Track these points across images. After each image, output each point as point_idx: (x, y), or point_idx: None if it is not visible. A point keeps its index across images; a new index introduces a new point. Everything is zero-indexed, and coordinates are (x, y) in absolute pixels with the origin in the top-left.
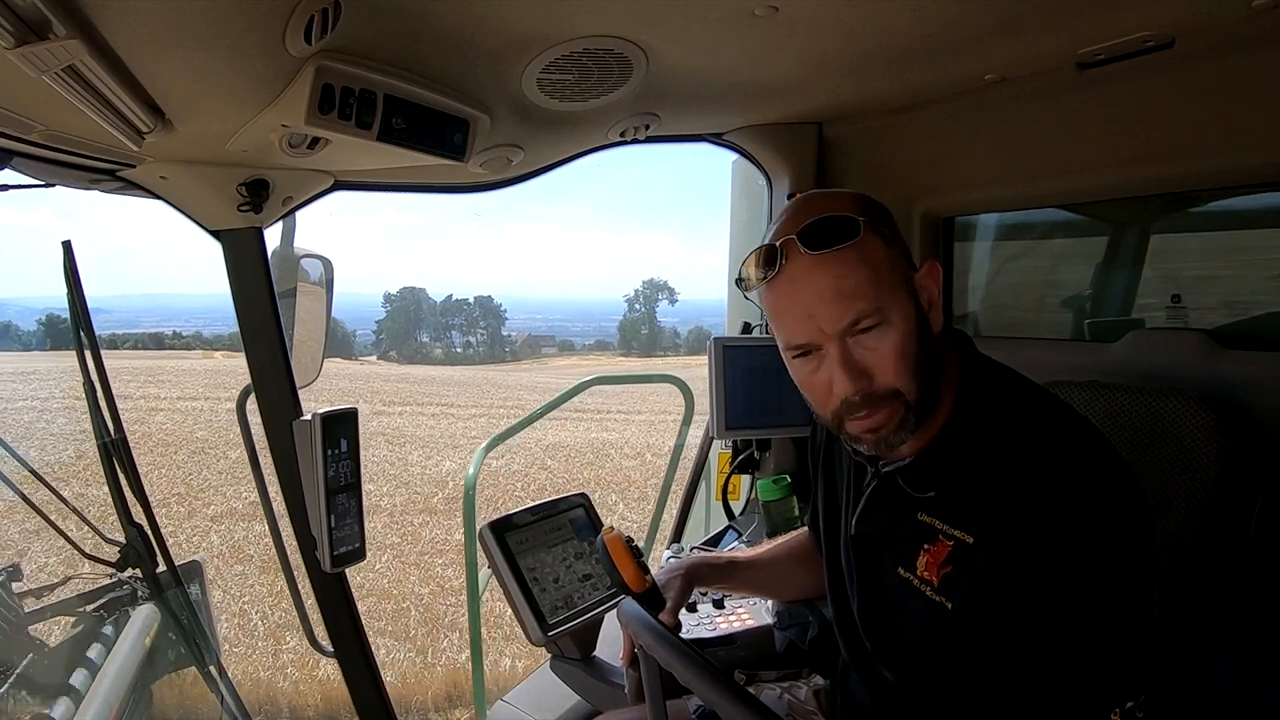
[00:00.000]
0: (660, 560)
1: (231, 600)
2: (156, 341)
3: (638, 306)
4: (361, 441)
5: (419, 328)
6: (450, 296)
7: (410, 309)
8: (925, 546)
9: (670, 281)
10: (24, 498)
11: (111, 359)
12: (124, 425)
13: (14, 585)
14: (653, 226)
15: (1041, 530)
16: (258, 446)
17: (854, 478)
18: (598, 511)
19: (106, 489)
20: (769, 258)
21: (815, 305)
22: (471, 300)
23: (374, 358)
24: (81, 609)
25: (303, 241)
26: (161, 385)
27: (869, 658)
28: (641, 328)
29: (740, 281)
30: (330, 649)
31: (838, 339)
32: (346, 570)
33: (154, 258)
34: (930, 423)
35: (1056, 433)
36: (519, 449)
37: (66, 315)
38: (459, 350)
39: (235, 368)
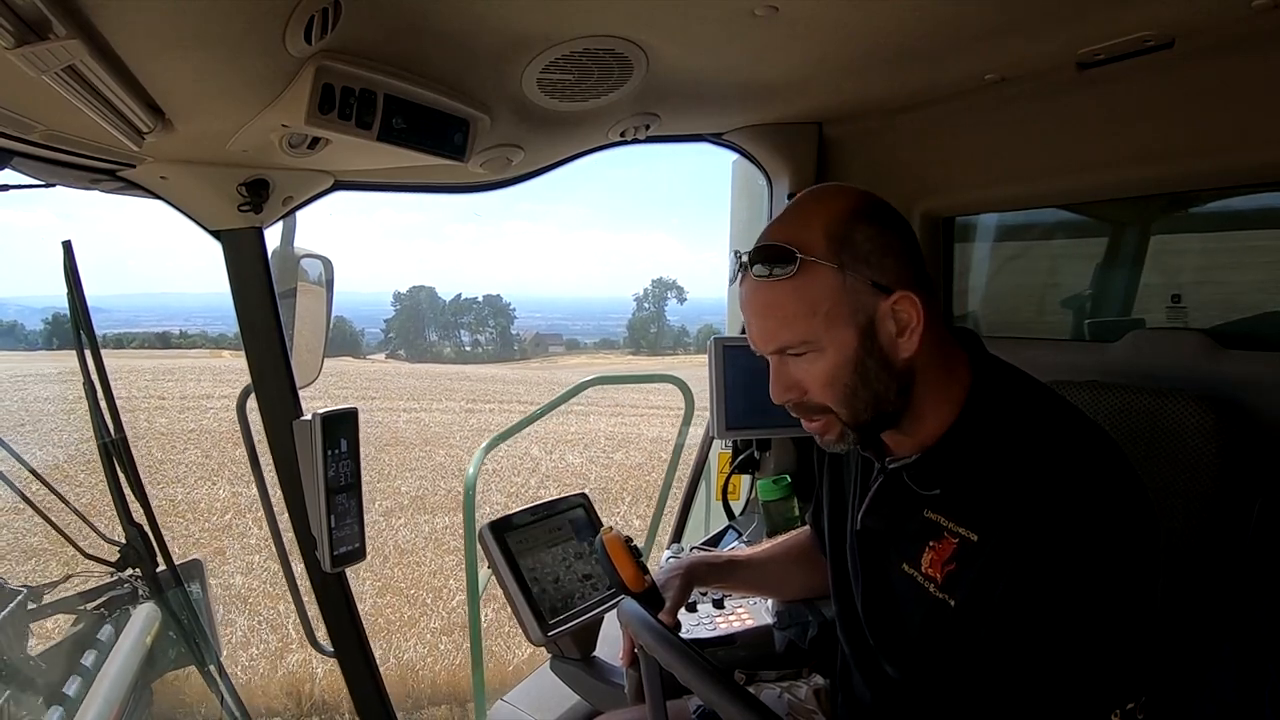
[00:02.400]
0: (660, 560)
1: (460, 590)
2: (163, 341)
3: (647, 305)
4: (476, 438)
5: (427, 326)
6: (459, 295)
7: (419, 308)
8: (930, 543)
9: (665, 280)
10: (24, 498)
11: (149, 359)
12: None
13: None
14: (651, 225)
15: (1046, 530)
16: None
17: (861, 473)
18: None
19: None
20: (738, 265)
21: (753, 321)
22: (480, 299)
23: (382, 356)
24: (82, 607)
25: (301, 241)
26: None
27: (872, 654)
28: (651, 326)
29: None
30: (330, 649)
31: (771, 354)
32: (347, 570)
33: (153, 257)
34: (937, 420)
35: (1063, 434)
36: (632, 444)
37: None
38: (468, 349)
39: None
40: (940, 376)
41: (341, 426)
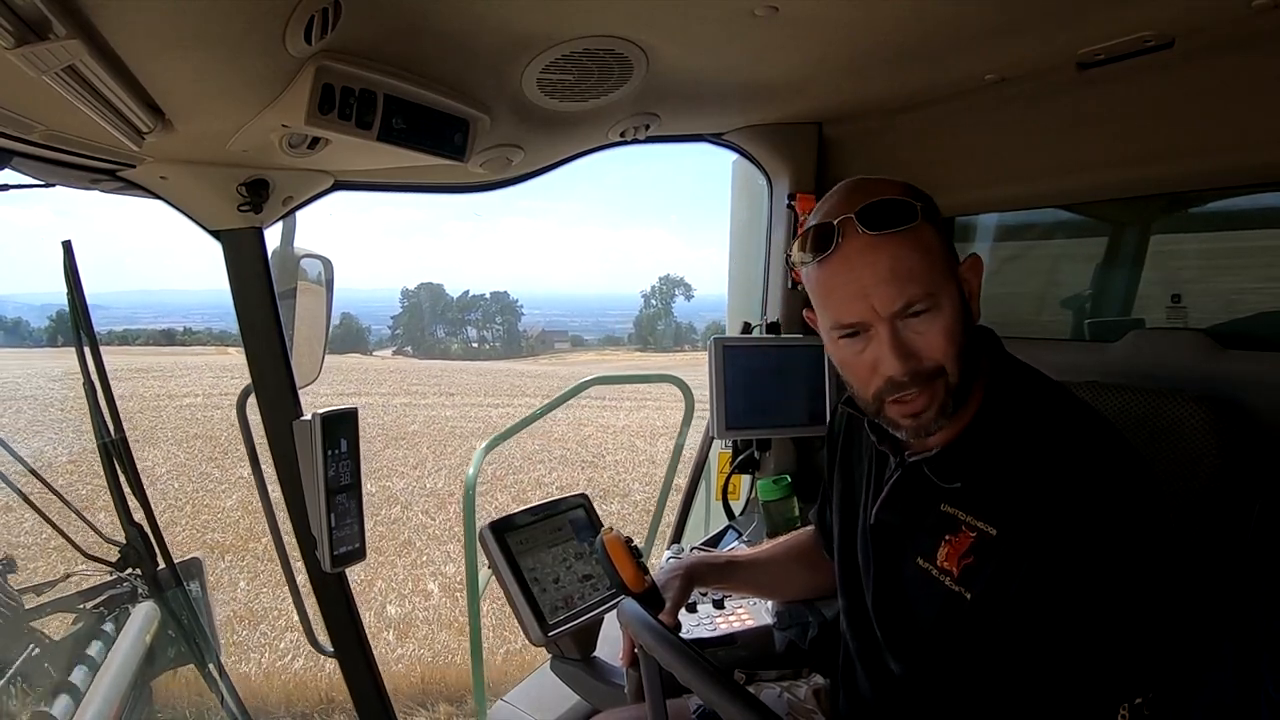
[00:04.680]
0: (660, 560)
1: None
2: (168, 338)
3: (654, 302)
4: (584, 435)
5: (435, 323)
6: (467, 292)
7: (426, 304)
8: (947, 537)
9: (673, 277)
10: (24, 497)
11: (196, 355)
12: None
13: (13, 581)
14: (650, 222)
15: (1064, 525)
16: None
17: (875, 468)
18: None
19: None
20: (824, 236)
21: (871, 285)
22: (487, 296)
23: (389, 353)
24: (82, 606)
25: (301, 240)
26: (351, 383)
27: (878, 649)
28: (657, 323)
29: (788, 259)
30: (330, 649)
31: (888, 320)
32: (346, 570)
33: (150, 255)
34: (960, 415)
35: (1081, 430)
36: None
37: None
38: (474, 345)
39: (353, 365)
40: None
41: (341, 426)
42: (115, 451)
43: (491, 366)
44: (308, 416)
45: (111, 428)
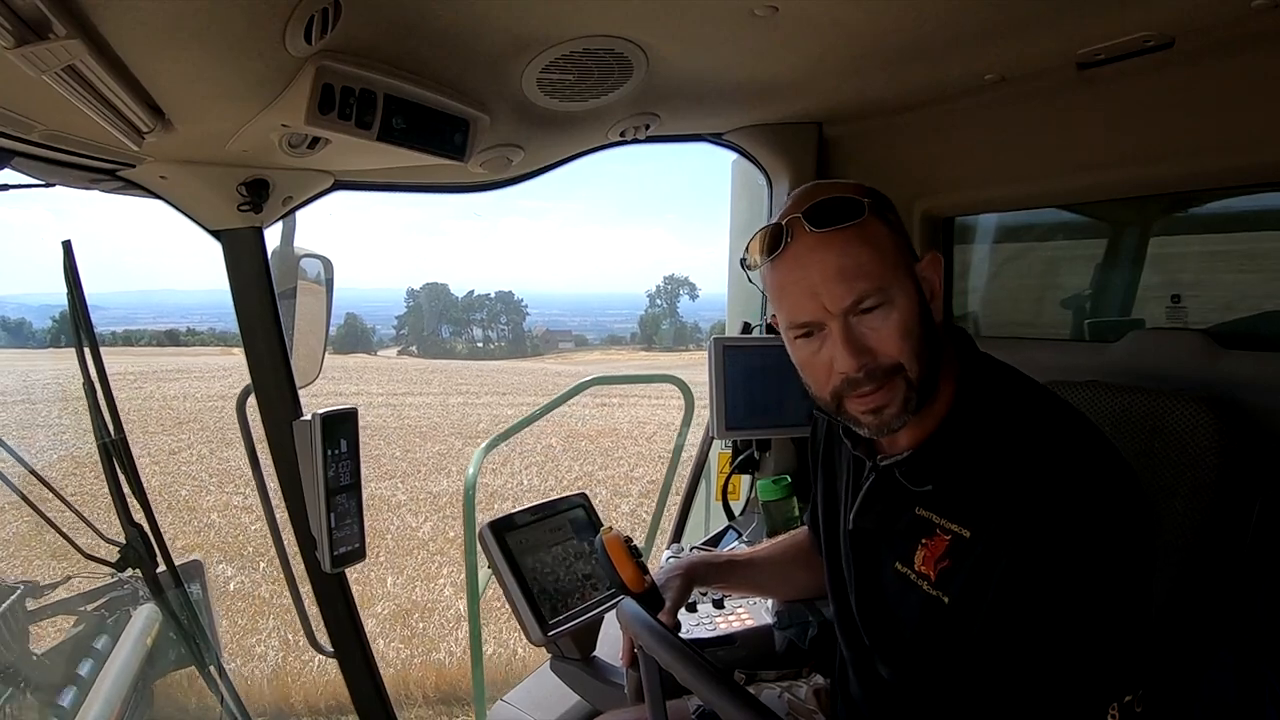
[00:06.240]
0: (660, 560)
1: None
2: (171, 338)
3: (659, 302)
4: (649, 432)
5: (440, 322)
6: (471, 292)
7: (432, 303)
8: (923, 541)
9: (677, 277)
10: (24, 498)
11: (203, 356)
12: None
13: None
14: (649, 222)
15: (1038, 524)
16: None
17: (852, 473)
18: None
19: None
20: (774, 236)
21: (820, 283)
22: (492, 295)
23: (394, 352)
24: (83, 608)
25: (300, 240)
26: (351, 383)
27: (868, 654)
28: (662, 322)
29: (744, 262)
30: (330, 649)
31: (841, 317)
32: (346, 570)
33: (148, 254)
34: (928, 416)
35: (1053, 428)
36: None
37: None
38: (479, 345)
39: (392, 365)
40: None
41: (341, 426)
42: (115, 451)
43: (526, 365)
44: (307, 416)
45: (111, 428)
